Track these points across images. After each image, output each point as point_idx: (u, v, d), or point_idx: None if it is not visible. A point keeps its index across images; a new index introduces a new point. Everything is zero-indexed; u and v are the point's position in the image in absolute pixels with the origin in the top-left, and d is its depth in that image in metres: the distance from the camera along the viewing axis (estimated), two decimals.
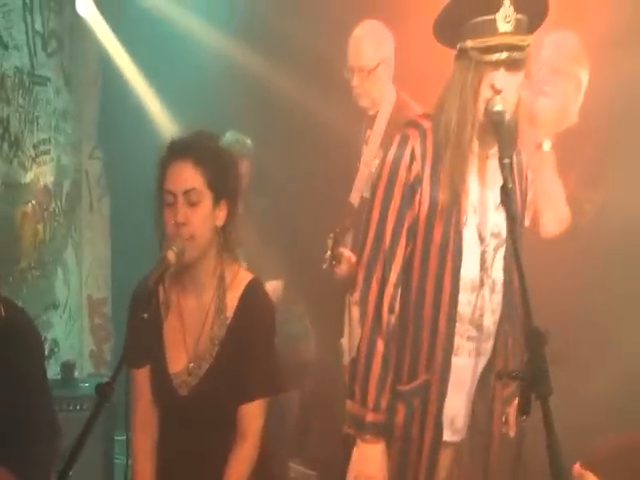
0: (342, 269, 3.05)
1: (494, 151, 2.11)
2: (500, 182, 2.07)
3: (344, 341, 2.26)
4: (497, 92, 2.04)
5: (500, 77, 2.03)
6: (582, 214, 2.84)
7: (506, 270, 2.16)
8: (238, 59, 3.84)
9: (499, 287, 2.17)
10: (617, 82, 3.19)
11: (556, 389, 2.76)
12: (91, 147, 4.67)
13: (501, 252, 2.17)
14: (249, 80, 3.86)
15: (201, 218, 2.16)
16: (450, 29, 2.10)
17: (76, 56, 4.44)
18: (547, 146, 2.89)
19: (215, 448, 2.20)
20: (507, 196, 1.93)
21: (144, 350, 2.20)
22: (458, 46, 2.08)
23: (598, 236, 2.81)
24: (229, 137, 3.69)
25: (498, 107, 2.03)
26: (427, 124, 2.13)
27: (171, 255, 2.08)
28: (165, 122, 4.04)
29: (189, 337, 2.23)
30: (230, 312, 2.22)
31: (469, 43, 2.04)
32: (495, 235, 2.15)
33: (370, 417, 2.11)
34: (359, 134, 3.32)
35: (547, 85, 2.96)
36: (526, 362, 1.80)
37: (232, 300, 2.23)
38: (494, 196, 2.10)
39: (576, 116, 3.03)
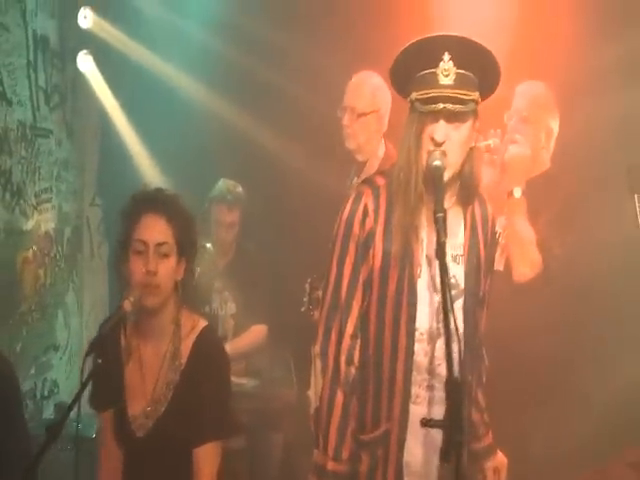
0: (317, 314, 3.07)
1: (450, 204, 2.13)
2: (456, 234, 2.14)
3: (310, 392, 2.28)
4: (437, 144, 2.04)
5: (440, 129, 2.03)
6: (553, 258, 2.83)
7: (466, 321, 2.15)
8: (225, 112, 3.92)
9: (458, 336, 2.08)
10: (587, 129, 3.24)
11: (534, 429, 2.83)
12: (91, 195, 4.73)
13: (459, 303, 2.15)
14: (237, 132, 3.92)
15: (168, 270, 2.29)
16: (401, 81, 2.13)
17: (78, 109, 4.52)
18: (518, 193, 2.88)
19: None
20: (440, 249, 1.92)
21: (107, 394, 2.33)
22: (408, 98, 2.10)
23: (569, 280, 2.79)
24: (221, 185, 3.75)
25: (436, 162, 2.03)
26: (381, 181, 2.17)
27: (127, 304, 2.19)
28: (155, 173, 4.12)
29: (147, 381, 2.32)
30: (184, 358, 2.32)
31: (414, 95, 2.07)
32: (452, 286, 2.12)
33: (330, 466, 2.11)
34: (346, 181, 3.38)
35: (518, 134, 2.99)
36: (445, 411, 1.82)
37: (186, 347, 2.34)
38: (449, 248, 2.10)
39: (548, 162, 3.07)
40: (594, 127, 3.20)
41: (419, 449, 2.14)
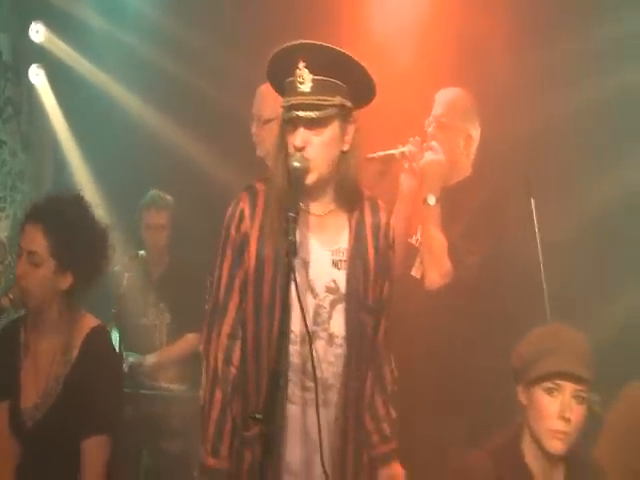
0: None
1: (328, 209, 2.11)
2: (338, 240, 2.11)
3: (200, 391, 2.22)
4: (297, 149, 2.01)
5: (298, 135, 2.01)
6: (464, 267, 2.69)
7: (349, 325, 2.08)
8: (160, 124, 3.87)
9: (339, 341, 2.08)
10: (507, 137, 3.12)
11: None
12: None
13: (340, 307, 2.09)
14: (171, 143, 3.87)
15: (38, 278, 2.32)
16: (278, 89, 2.11)
17: (34, 121, 4.41)
18: (431, 200, 2.75)
19: None
20: (290, 247, 1.87)
21: (2, 387, 2.42)
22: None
23: (479, 288, 2.65)
24: (151, 193, 3.75)
25: (295, 163, 2.01)
26: (261, 186, 2.13)
27: (5, 300, 2.31)
28: (92, 183, 4.06)
29: (40, 376, 2.38)
30: (74, 354, 2.38)
31: (281, 102, 2.05)
32: (332, 290, 2.09)
33: (210, 462, 2.08)
34: None
35: (435, 140, 2.87)
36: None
37: (76, 343, 2.39)
38: (330, 253, 2.10)
39: (469, 169, 2.93)
40: (514, 135, 3.09)
41: (299, 449, 2.08)
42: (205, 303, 2.92)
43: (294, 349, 2.06)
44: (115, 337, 3.53)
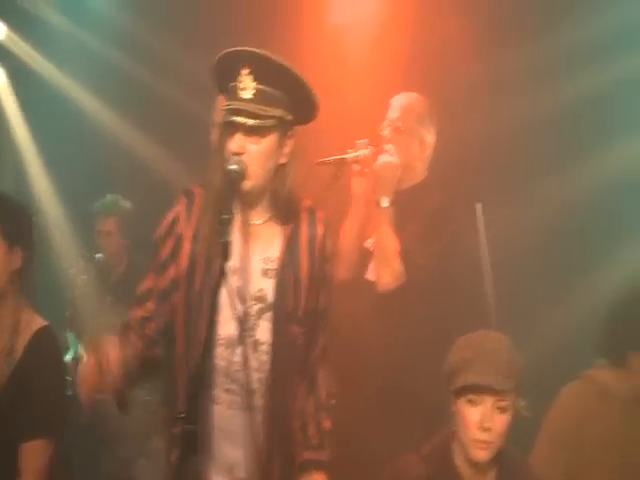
0: None
1: (263, 219, 2.10)
2: (269, 249, 2.09)
3: None
4: (234, 154, 2.00)
5: (237, 140, 1.99)
6: (416, 269, 2.66)
7: (276, 334, 2.07)
8: (119, 127, 3.81)
9: (265, 348, 2.07)
10: (461, 142, 3.11)
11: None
12: None
13: (267, 316, 2.08)
14: (129, 147, 3.81)
15: None
16: (222, 91, 2.07)
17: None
18: (384, 203, 2.72)
19: None
20: (223, 249, 1.84)
21: None
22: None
23: (431, 292, 2.62)
24: (104, 200, 3.75)
25: (232, 166, 1.98)
26: (199, 191, 2.10)
27: None
28: (50, 185, 3.98)
29: None
30: (18, 354, 2.31)
31: (222, 105, 2.03)
32: (259, 299, 2.08)
33: None
34: None
35: (389, 144, 2.83)
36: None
37: (22, 343, 2.32)
38: (260, 261, 2.09)
39: (424, 173, 2.89)
40: (469, 138, 3.08)
41: (236, 452, 2.06)
42: None
43: (219, 352, 2.05)
44: (70, 340, 3.46)
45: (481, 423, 1.94)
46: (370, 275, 2.82)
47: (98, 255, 3.63)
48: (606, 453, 2.48)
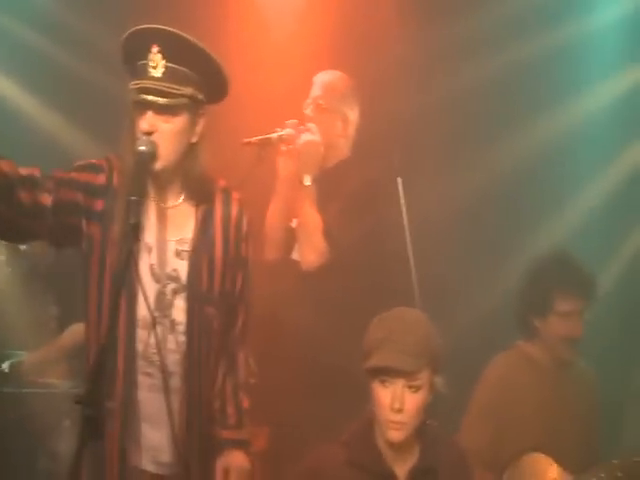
0: None
1: (177, 200, 2.07)
2: (183, 230, 2.07)
3: None
4: (145, 134, 1.96)
5: (147, 119, 1.96)
6: (340, 247, 2.62)
7: (190, 314, 2.05)
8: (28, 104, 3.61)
9: (181, 328, 2.05)
10: (385, 120, 3.08)
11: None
12: None
13: (182, 296, 2.06)
14: (52, 134, 3.62)
15: None
16: (130, 70, 2.01)
17: None
18: (307, 181, 2.68)
19: None
20: (130, 231, 1.81)
21: None
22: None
23: (355, 269, 2.60)
24: None
25: (141, 147, 1.95)
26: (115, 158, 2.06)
27: None
28: None
29: None
30: None
31: (131, 84, 1.99)
32: (173, 279, 2.06)
33: None
34: None
35: (313, 122, 2.78)
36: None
37: None
38: (173, 242, 2.07)
39: (347, 152, 2.85)
40: (393, 118, 3.06)
41: (158, 435, 2.04)
42: None
43: (138, 334, 2.01)
44: None
45: (392, 404, 1.90)
46: (295, 255, 2.79)
47: (22, 247, 3.49)
48: (531, 419, 2.55)
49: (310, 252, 2.64)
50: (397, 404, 1.90)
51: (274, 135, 2.73)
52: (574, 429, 2.58)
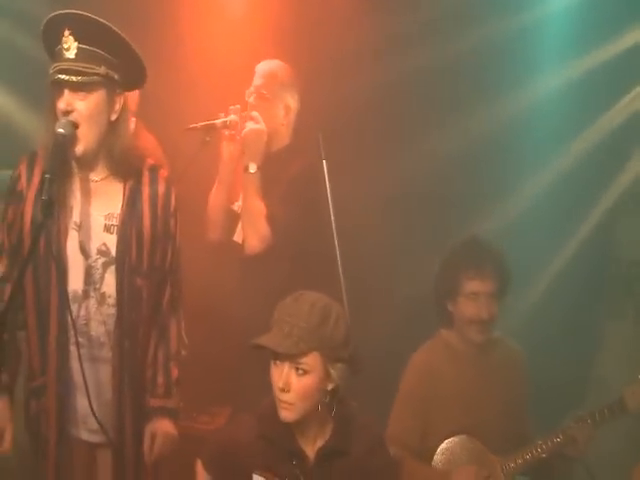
0: None
1: (102, 175, 2.13)
2: (112, 206, 2.15)
3: None
4: (63, 113, 2.03)
5: (64, 98, 2.03)
6: (280, 233, 2.68)
7: (119, 286, 2.13)
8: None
9: (112, 301, 2.12)
10: (327, 106, 3.13)
11: None
12: None
13: (112, 269, 2.13)
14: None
15: None
16: (49, 54, 2.08)
17: None
18: (252, 168, 2.74)
19: None
20: (42, 207, 1.90)
21: None
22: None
23: (295, 252, 2.67)
24: None
25: (60, 130, 2.01)
26: (41, 152, 2.12)
27: None
28: None
29: None
30: None
31: (50, 68, 2.05)
32: (103, 253, 2.14)
33: None
34: None
35: (255, 110, 2.82)
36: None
37: None
38: (101, 217, 2.14)
39: (287, 139, 2.89)
40: (334, 104, 3.12)
41: (81, 400, 2.12)
42: None
43: (67, 306, 2.08)
44: None
45: (277, 384, 1.93)
46: (237, 237, 2.84)
47: None
48: (455, 404, 2.59)
49: (253, 237, 2.70)
50: (281, 384, 1.92)
51: (218, 121, 2.79)
52: (499, 410, 2.60)
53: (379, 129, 3.22)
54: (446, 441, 2.55)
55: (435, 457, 2.55)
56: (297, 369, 1.92)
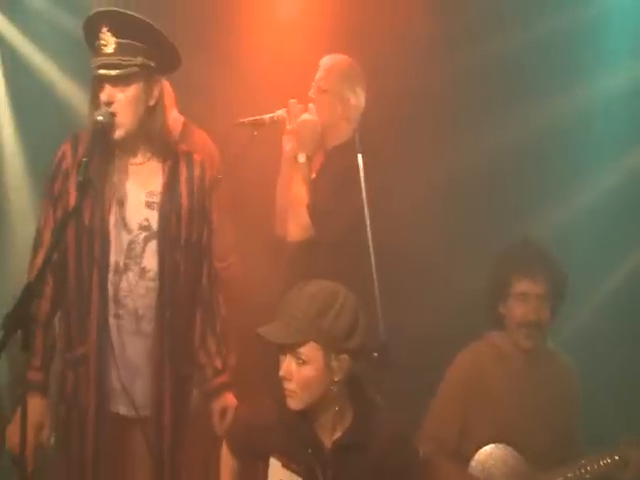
0: None
1: (145, 158, 2.24)
2: (153, 184, 2.24)
3: None
4: (104, 104, 2.15)
5: (105, 91, 2.14)
6: (325, 226, 2.64)
7: (162, 261, 2.19)
8: None
9: (152, 275, 2.19)
10: (392, 103, 3.05)
11: None
12: None
13: (153, 244, 2.21)
14: None
15: None
16: (92, 51, 2.18)
17: None
18: (302, 158, 2.73)
19: None
20: (78, 186, 2.05)
21: None
22: None
23: (338, 249, 2.60)
24: None
25: (99, 117, 2.13)
26: (84, 135, 2.22)
27: None
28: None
29: None
30: None
31: (92, 62, 2.18)
32: (144, 228, 2.22)
33: (29, 374, 2.13)
34: None
35: (314, 103, 2.79)
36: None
37: None
38: (143, 194, 2.23)
39: (348, 134, 2.77)
40: (399, 102, 3.03)
41: (129, 377, 2.16)
42: None
43: (109, 279, 2.16)
44: None
45: (280, 373, 1.92)
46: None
47: None
48: (498, 410, 2.44)
49: (294, 225, 2.70)
50: (282, 372, 1.91)
51: (266, 116, 2.79)
52: (545, 424, 2.43)
53: (438, 122, 3.11)
54: (484, 448, 2.40)
55: (472, 463, 2.39)
56: (297, 359, 1.90)
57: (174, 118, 3.04)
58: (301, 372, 1.90)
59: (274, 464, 1.96)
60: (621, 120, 3.03)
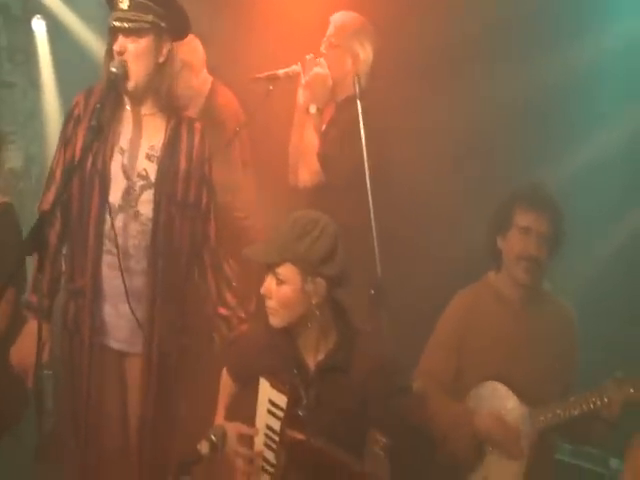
0: None
1: (151, 111, 2.34)
2: (154, 138, 2.34)
3: None
4: (117, 54, 2.27)
5: (118, 41, 2.27)
6: (334, 172, 2.72)
7: (155, 208, 2.30)
8: None
9: (144, 219, 2.30)
10: (399, 59, 3.06)
11: None
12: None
13: (149, 192, 2.32)
14: None
15: None
16: (110, 8, 2.35)
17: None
18: (313, 109, 2.83)
19: None
20: (89, 130, 2.19)
21: None
22: None
23: (345, 194, 2.67)
24: None
25: (112, 68, 2.26)
26: (98, 87, 2.36)
27: None
28: None
29: None
30: None
31: (109, 17, 2.33)
32: (142, 177, 2.32)
33: (31, 297, 2.32)
34: None
35: (325, 58, 2.87)
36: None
37: None
38: (145, 146, 2.34)
39: (355, 87, 2.78)
40: (406, 58, 3.04)
41: (116, 312, 2.30)
42: None
43: (105, 218, 2.28)
44: None
45: (261, 289, 2.02)
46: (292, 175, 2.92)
47: None
48: (494, 348, 2.44)
49: (305, 171, 2.81)
50: (263, 289, 2.02)
51: (281, 71, 2.88)
52: (541, 364, 2.41)
53: (447, 76, 3.09)
54: (479, 385, 2.40)
55: (466, 398, 2.41)
56: (277, 279, 2.00)
57: (203, 78, 3.19)
58: (280, 291, 2.00)
59: (263, 384, 2.05)
60: (632, 72, 2.94)
